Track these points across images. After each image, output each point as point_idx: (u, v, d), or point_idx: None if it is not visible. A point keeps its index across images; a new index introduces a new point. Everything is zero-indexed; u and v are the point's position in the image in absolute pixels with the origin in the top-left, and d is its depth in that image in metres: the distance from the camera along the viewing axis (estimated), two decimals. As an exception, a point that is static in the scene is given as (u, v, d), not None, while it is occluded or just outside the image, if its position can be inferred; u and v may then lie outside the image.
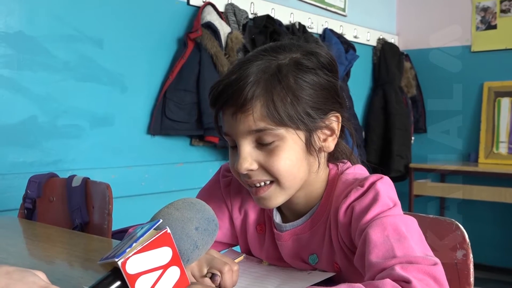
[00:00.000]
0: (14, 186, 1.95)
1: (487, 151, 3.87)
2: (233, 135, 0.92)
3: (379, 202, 0.86)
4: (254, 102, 0.88)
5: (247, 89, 0.87)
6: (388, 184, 0.91)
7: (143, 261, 0.66)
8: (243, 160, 0.90)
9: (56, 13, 2.13)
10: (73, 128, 2.20)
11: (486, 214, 3.90)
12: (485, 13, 3.97)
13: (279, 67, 0.90)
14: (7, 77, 1.99)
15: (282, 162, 0.90)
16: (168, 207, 0.79)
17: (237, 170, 0.91)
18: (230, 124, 0.91)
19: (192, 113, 2.56)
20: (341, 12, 3.79)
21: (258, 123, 0.88)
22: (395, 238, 0.80)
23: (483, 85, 3.94)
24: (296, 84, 0.89)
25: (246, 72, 0.89)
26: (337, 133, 0.95)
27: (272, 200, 0.94)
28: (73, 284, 0.94)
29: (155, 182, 2.49)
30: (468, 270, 0.96)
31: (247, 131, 0.89)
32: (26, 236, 1.50)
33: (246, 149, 0.90)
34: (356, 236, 0.87)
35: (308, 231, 0.99)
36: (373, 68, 4.11)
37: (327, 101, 0.93)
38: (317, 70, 0.92)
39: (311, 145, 0.92)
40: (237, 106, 0.88)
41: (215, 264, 0.84)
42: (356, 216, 0.87)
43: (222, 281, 0.84)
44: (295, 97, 0.89)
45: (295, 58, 0.92)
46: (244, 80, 0.88)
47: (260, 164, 0.91)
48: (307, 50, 0.94)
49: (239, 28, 2.82)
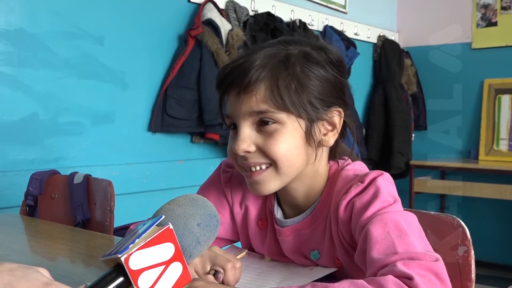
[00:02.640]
0: (16, 183, 1.95)
1: (488, 148, 3.87)
2: (235, 116, 0.93)
3: (379, 198, 0.86)
4: (259, 84, 0.89)
5: (253, 72, 0.89)
6: (388, 180, 0.91)
7: (145, 257, 0.66)
8: (241, 141, 0.91)
9: (57, 10, 2.13)
10: (74, 125, 2.20)
11: (486, 211, 3.91)
12: (486, 10, 3.96)
13: (288, 55, 0.92)
14: (8, 74, 1.99)
15: (280, 146, 0.90)
16: (170, 203, 0.79)
17: (235, 151, 0.92)
18: (233, 105, 0.92)
19: (193, 110, 2.56)
20: (342, 9, 3.79)
21: (260, 105, 0.89)
22: (396, 234, 0.80)
23: (484, 82, 3.94)
24: (302, 73, 0.91)
25: (254, 57, 0.91)
26: (338, 128, 0.96)
27: (265, 185, 0.93)
28: (75, 280, 0.94)
29: (156, 179, 2.50)
30: (470, 267, 0.96)
31: (248, 112, 0.90)
32: (28, 233, 1.50)
33: (245, 130, 0.91)
34: (356, 232, 0.87)
35: (309, 227, 0.99)
36: (374, 65, 4.11)
37: (331, 95, 0.93)
38: (325, 64, 0.93)
39: (311, 135, 0.92)
40: (241, 87, 0.90)
41: (218, 261, 0.84)
42: (357, 212, 0.87)
43: (225, 278, 0.84)
44: (300, 85, 0.90)
45: (305, 50, 0.93)
46: (250, 63, 0.90)
47: (258, 146, 0.91)
48: (318, 45, 0.96)
49: (239, 25, 2.81)
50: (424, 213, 1.02)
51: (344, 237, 0.92)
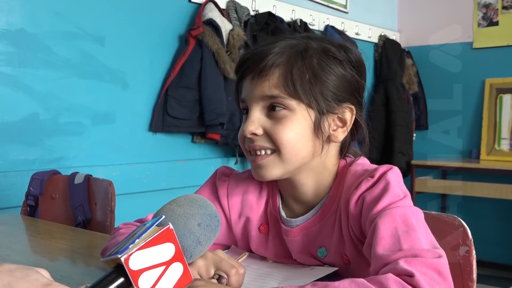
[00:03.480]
0: (17, 183, 1.95)
1: (489, 148, 3.86)
2: (248, 100, 0.95)
3: (389, 192, 0.87)
4: (273, 70, 0.92)
5: (269, 57, 0.92)
6: (398, 175, 0.92)
7: (146, 257, 0.66)
8: (250, 123, 0.93)
9: (58, 10, 2.13)
10: (75, 125, 2.20)
11: (488, 211, 3.90)
12: (487, 9, 3.96)
13: (307, 48, 0.94)
14: (8, 74, 1.99)
15: (287, 132, 0.92)
16: (170, 203, 0.79)
17: (243, 132, 0.94)
18: (247, 88, 0.95)
19: (194, 110, 2.55)
20: (343, 9, 3.78)
21: (272, 90, 0.91)
22: (403, 230, 0.80)
23: (485, 81, 3.93)
24: (318, 65, 0.92)
25: (273, 45, 0.94)
26: (348, 125, 0.96)
27: (268, 170, 0.94)
28: (76, 280, 0.94)
29: (157, 179, 2.49)
30: (471, 267, 0.96)
31: (260, 96, 0.93)
32: (29, 233, 1.50)
33: (256, 114, 0.94)
34: (366, 226, 0.87)
35: (318, 223, 0.98)
36: (375, 65, 4.10)
37: (345, 91, 0.95)
38: (343, 62, 0.94)
39: (319, 127, 0.93)
40: (256, 71, 0.93)
41: (222, 266, 0.84)
42: (367, 206, 0.88)
43: (228, 283, 0.83)
44: (314, 76, 0.92)
45: (325, 46, 0.95)
46: (269, 49, 0.93)
47: (265, 130, 0.93)
48: (340, 43, 0.98)
49: (240, 25, 2.81)
50: (425, 213, 1.01)
51: (354, 232, 0.92)
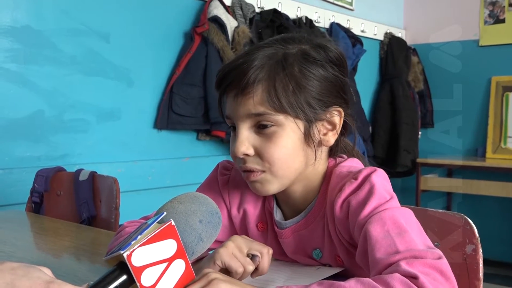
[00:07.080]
0: (22, 180, 1.95)
1: (495, 146, 3.84)
2: (233, 118, 0.93)
3: (375, 195, 0.85)
4: (256, 86, 0.89)
5: (250, 73, 0.88)
6: (382, 176, 0.90)
7: (148, 253, 0.65)
8: (240, 143, 0.91)
9: (63, 7, 2.13)
10: (80, 122, 2.20)
11: (493, 209, 3.88)
12: (493, 7, 3.94)
13: (286, 55, 0.91)
14: (14, 71, 1.99)
15: (278, 150, 0.90)
16: (171, 201, 0.79)
17: (234, 153, 0.92)
18: (231, 106, 0.92)
19: (199, 108, 2.55)
20: (348, 6, 3.77)
21: (258, 107, 0.89)
22: (395, 232, 0.79)
23: (491, 79, 3.91)
24: (300, 73, 0.90)
25: (252, 57, 0.90)
26: (338, 128, 0.94)
27: (265, 186, 0.93)
28: (80, 277, 0.94)
29: (162, 177, 2.49)
30: (478, 265, 0.95)
31: (246, 115, 0.90)
32: (34, 230, 1.51)
33: (244, 133, 0.91)
34: (355, 232, 0.86)
35: (308, 226, 0.98)
36: (380, 63, 4.09)
37: (330, 95, 0.92)
38: (324, 63, 0.92)
39: (310, 136, 0.91)
40: (239, 89, 0.90)
41: (255, 246, 0.86)
42: (353, 211, 0.86)
43: (261, 262, 0.86)
44: (298, 86, 0.89)
45: (304, 49, 0.92)
46: (249, 64, 0.89)
47: (256, 149, 0.91)
48: (317, 43, 0.94)
49: (246, 22, 2.80)
50: (431, 211, 1.01)
51: (343, 235, 0.91)
